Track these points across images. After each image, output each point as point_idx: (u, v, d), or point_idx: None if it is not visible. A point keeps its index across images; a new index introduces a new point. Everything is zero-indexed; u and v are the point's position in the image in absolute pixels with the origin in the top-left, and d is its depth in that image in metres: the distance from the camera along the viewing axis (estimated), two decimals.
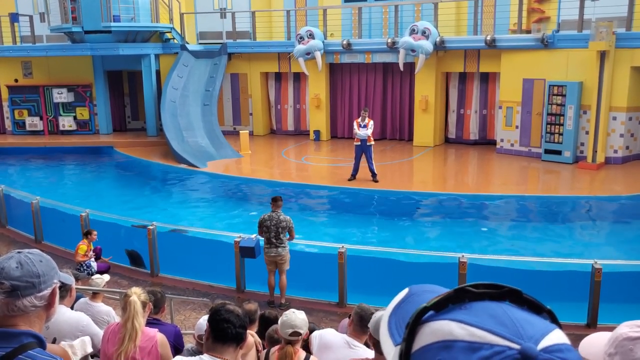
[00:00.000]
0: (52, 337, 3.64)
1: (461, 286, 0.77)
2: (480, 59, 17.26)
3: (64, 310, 3.86)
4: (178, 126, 17.90)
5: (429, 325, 0.75)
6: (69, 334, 3.72)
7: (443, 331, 0.73)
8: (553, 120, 15.53)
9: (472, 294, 0.77)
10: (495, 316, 0.73)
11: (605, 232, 11.66)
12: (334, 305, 8.64)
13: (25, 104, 20.97)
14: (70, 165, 18.65)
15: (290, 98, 20.91)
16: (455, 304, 0.76)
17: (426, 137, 18.22)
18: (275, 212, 8.50)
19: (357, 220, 12.44)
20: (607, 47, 14.24)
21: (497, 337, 0.70)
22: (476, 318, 0.73)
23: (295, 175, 15.65)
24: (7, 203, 12.63)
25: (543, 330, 0.73)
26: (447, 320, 0.74)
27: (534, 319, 0.75)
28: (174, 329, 4.82)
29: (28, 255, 1.82)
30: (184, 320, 8.14)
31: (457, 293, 0.77)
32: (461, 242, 10.68)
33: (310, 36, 18.45)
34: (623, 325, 1.47)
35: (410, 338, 0.76)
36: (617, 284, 8.07)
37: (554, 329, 0.75)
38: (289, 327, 3.97)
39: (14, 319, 1.78)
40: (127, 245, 10.79)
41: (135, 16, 19.20)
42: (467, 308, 0.75)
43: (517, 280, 8.69)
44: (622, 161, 15.29)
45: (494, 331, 0.71)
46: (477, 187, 14.25)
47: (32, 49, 20.36)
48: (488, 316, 0.73)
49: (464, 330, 0.72)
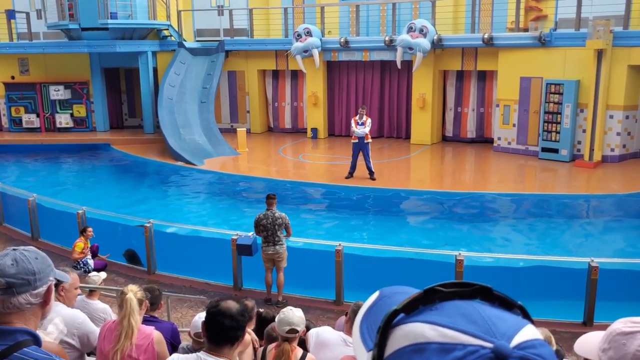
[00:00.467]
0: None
1: (430, 286, 0.76)
2: (478, 57, 17.27)
3: (60, 307, 3.85)
4: (175, 123, 17.87)
5: (400, 328, 0.74)
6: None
7: (415, 334, 0.72)
8: (550, 118, 15.55)
9: (442, 294, 0.75)
10: (466, 315, 0.72)
11: (602, 230, 11.67)
12: (331, 302, 8.65)
13: (22, 101, 20.92)
14: (67, 162, 18.61)
15: (288, 96, 20.89)
16: (426, 304, 0.75)
17: (423, 135, 18.23)
18: (270, 210, 8.50)
19: (354, 218, 12.44)
20: (604, 45, 14.26)
21: (469, 336, 0.69)
22: (447, 318, 0.72)
23: (292, 173, 15.65)
24: (4, 200, 12.60)
25: (515, 326, 0.72)
26: (418, 323, 0.73)
27: (505, 316, 0.74)
28: (171, 326, 4.82)
29: (23, 252, 1.82)
30: (180, 317, 8.14)
31: (426, 293, 0.75)
32: (458, 240, 10.70)
33: (308, 34, 18.43)
34: (617, 322, 1.50)
35: (382, 343, 0.74)
36: (613, 282, 8.08)
37: (526, 325, 0.73)
38: (286, 325, 3.97)
39: (9, 317, 1.78)
40: (123, 242, 10.78)
41: (132, 13, 19.15)
42: (437, 308, 0.74)
43: (513, 277, 8.71)
44: (619, 159, 15.32)
45: (466, 331, 0.70)
46: (474, 185, 14.26)
47: (29, 46, 20.31)
48: (459, 315, 0.72)
49: (435, 332, 0.71)
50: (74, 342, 3.72)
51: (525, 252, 9.98)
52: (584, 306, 7.73)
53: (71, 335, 3.72)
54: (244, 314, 2.72)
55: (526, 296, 8.74)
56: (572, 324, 7.72)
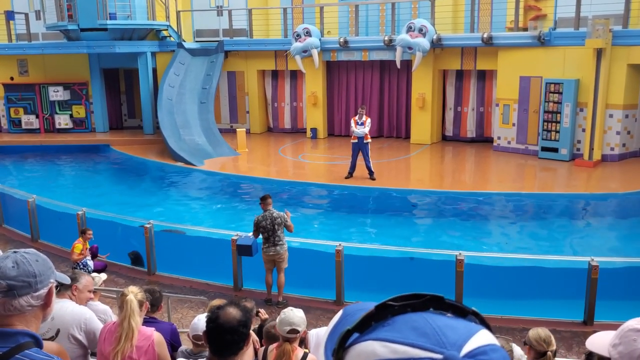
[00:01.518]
0: (56, 329, 3.67)
1: (381, 302, 0.76)
2: (477, 57, 17.27)
3: (69, 303, 3.94)
4: (175, 124, 17.87)
5: (354, 348, 0.74)
6: (72, 325, 3.77)
7: (367, 352, 0.72)
8: (550, 117, 15.55)
9: (394, 309, 0.75)
10: (416, 328, 0.72)
11: (602, 230, 11.68)
12: (331, 303, 8.64)
13: (21, 102, 20.91)
14: (66, 163, 18.60)
15: (287, 96, 20.89)
16: (379, 321, 0.75)
17: (423, 134, 18.23)
18: (268, 210, 8.50)
19: (354, 218, 12.45)
20: (603, 44, 14.26)
21: (419, 349, 0.69)
22: (398, 334, 0.72)
23: (292, 173, 15.65)
24: (3, 201, 12.59)
25: (466, 334, 0.72)
26: (369, 341, 0.73)
27: (457, 324, 0.73)
28: (170, 327, 4.81)
29: (24, 254, 1.82)
30: (181, 318, 8.13)
31: (378, 310, 0.75)
32: (458, 240, 10.70)
33: (307, 34, 18.43)
34: (631, 320, 1.53)
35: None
36: (613, 281, 8.09)
37: (478, 331, 0.73)
38: (287, 325, 3.97)
39: (10, 319, 1.78)
40: (123, 242, 10.77)
41: (131, 14, 19.14)
42: (389, 324, 0.74)
43: (513, 277, 8.72)
44: (618, 158, 15.32)
45: (416, 344, 0.70)
46: (474, 184, 14.27)
47: (28, 47, 20.31)
48: (410, 329, 0.72)
49: (386, 349, 0.71)
50: (81, 337, 3.76)
51: (525, 251, 9.98)
52: (584, 305, 7.72)
53: (78, 330, 3.76)
54: (247, 323, 2.63)
55: (526, 295, 8.77)
56: (572, 323, 7.72)
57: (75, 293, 4.17)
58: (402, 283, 8.81)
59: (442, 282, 8.32)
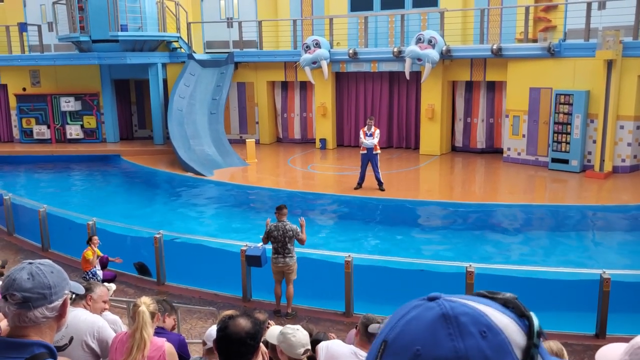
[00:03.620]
0: (70, 336, 3.69)
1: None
2: (487, 68, 17.26)
3: (82, 311, 3.97)
4: (185, 135, 17.96)
5: None
6: (86, 333, 3.80)
7: None
8: (560, 129, 15.49)
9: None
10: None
11: (614, 242, 11.58)
12: (341, 314, 8.61)
13: (33, 113, 21.10)
14: (77, 173, 18.72)
15: (297, 106, 20.96)
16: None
17: (432, 145, 18.21)
18: (282, 221, 8.48)
19: (363, 229, 12.42)
20: (614, 56, 14.22)
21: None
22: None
23: (301, 184, 15.66)
24: (15, 211, 12.68)
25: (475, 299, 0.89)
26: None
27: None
28: (178, 337, 4.81)
29: (39, 266, 1.83)
30: (190, 329, 8.13)
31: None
32: (468, 252, 10.64)
33: (317, 45, 18.51)
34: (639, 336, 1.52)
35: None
36: (626, 294, 8.01)
37: (491, 306, 0.88)
38: (300, 347, 3.91)
39: (25, 330, 1.78)
40: (133, 252, 10.81)
41: (142, 25, 19.32)
42: None
43: (524, 289, 8.65)
44: (629, 170, 15.22)
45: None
46: (484, 196, 14.20)
47: (40, 58, 20.51)
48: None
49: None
50: (94, 345, 3.77)
51: (536, 263, 9.91)
52: (596, 318, 7.65)
53: (92, 337, 3.78)
54: (255, 336, 2.61)
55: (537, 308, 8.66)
56: (584, 336, 7.64)
57: (90, 303, 4.22)
58: (411, 295, 8.74)
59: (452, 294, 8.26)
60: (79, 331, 3.75)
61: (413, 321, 0.85)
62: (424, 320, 0.84)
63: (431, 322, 0.83)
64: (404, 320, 0.86)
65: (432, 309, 0.85)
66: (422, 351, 0.81)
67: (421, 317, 0.85)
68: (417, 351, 0.81)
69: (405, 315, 0.87)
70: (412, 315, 0.86)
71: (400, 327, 0.85)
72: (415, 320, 0.85)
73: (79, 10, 18.72)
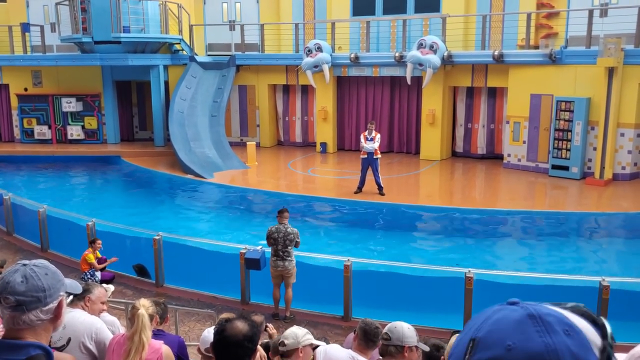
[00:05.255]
0: (68, 337, 3.68)
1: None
2: (488, 74, 17.28)
3: (80, 313, 3.95)
4: (185, 137, 17.97)
5: None
6: (83, 333, 3.78)
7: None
8: (560, 135, 15.50)
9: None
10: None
11: (613, 249, 11.57)
12: (339, 318, 8.60)
13: (34, 113, 21.13)
14: (77, 174, 18.73)
15: (298, 110, 20.98)
16: None
17: (433, 150, 18.21)
18: (282, 224, 8.47)
19: (363, 233, 12.41)
20: (615, 63, 14.23)
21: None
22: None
23: (301, 187, 15.65)
24: (14, 211, 12.68)
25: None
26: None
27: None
28: (177, 339, 4.80)
29: (33, 268, 1.81)
30: (188, 331, 8.11)
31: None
32: (467, 257, 10.63)
33: (319, 49, 18.53)
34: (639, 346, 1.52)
35: None
36: (625, 302, 7.99)
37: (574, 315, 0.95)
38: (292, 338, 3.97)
39: (20, 332, 1.77)
40: (132, 254, 10.80)
41: (144, 27, 19.35)
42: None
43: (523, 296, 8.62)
44: (630, 177, 15.22)
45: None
46: (484, 201, 14.19)
47: (42, 59, 20.54)
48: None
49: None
50: (92, 347, 3.76)
51: (535, 270, 9.90)
52: None
53: (89, 339, 3.77)
54: (253, 339, 2.60)
55: None
56: None
57: (88, 304, 4.19)
58: (410, 300, 8.76)
59: (451, 300, 8.26)
60: (77, 332, 3.75)
61: (500, 321, 0.92)
62: (512, 319, 0.91)
63: (519, 321, 0.91)
64: (491, 320, 0.93)
65: (516, 311, 0.93)
66: (514, 346, 0.87)
67: (508, 317, 0.92)
68: (508, 346, 0.88)
69: (490, 317, 0.94)
70: (497, 317, 0.94)
71: (488, 326, 0.92)
72: (503, 320, 0.92)
73: (81, 11, 18.77)
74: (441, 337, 5.32)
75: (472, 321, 0.97)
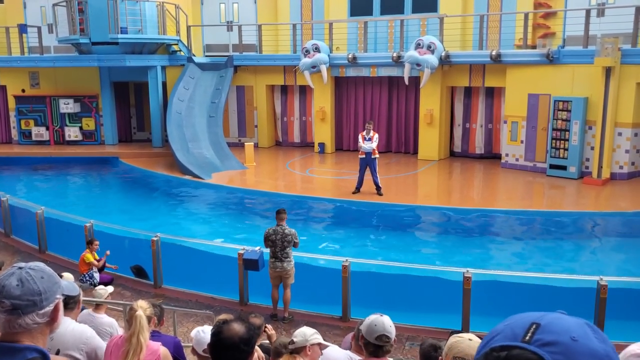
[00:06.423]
0: (56, 349, 3.63)
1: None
2: (486, 74, 17.30)
3: (69, 322, 3.84)
4: (183, 137, 17.96)
5: None
6: (72, 346, 3.70)
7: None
8: (558, 135, 15.52)
9: None
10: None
11: (611, 248, 11.59)
12: (337, 319, 8.59)
13: (32, 114, 21.11)
14: (75, 175, 18.71)
15: (296, 110, 20.98)
16: None
17: (431, 150, 18.23)
18: (280, 225, 8.46)
19: (361, 233, 12.41)
20: (612, 63, 14.26)
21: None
22: None
23: (299, 188, 15.65)
24: (12, 213, 12.66)
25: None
26: None
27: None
28: (174, 340, 4.79)
29: (29, 271, 1.80)
30: (186, 332, 8.09)
31: None
32: (466, 257, 10.64)
33: (316, 50, 18.54)
34: (633, 345, 1.56)
35: None
36: (623, 301, 8.00)
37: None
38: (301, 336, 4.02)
39: (17, 335, 1.77)
40: (131, 255, 10.79)
41: (142, 28, 19.34)
42: None
43: (521, 295, 8.64)
44: (627, 177, 15.24)
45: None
46: (482, 201, 14.21)
47: (40, 60, 20.53)
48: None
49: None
50: (82, 357, 3.72)
51: (533, 269, 9.91)
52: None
53: (79, 351, 3.71)
54: (249, 341, 2.59)
55: None
56: None
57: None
58: (408, 300, 8.76)
59: (449, 300, 8.27)
60: (66, 343, 3.66)
61: (561, 318, 1.01)
62: (572, 320, 1.00)
63: (579, 323, 1.00)
64: (549, 316, 1.01)
65: (572, 317, 1.02)
66: (579, 339, 0.96)
67: (567, 318, 1.02)
68: (573, 337, 0.96)
69: (546, 314, 1.03)
70: (556, 315, 1.03)
71: (549, 319, 1.00)
72: (564, 318, 1.01)
73: (79, 13, 18.76)
74: (439, 337, 5.33)
75: (521, 315, 1.05)
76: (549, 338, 0.96)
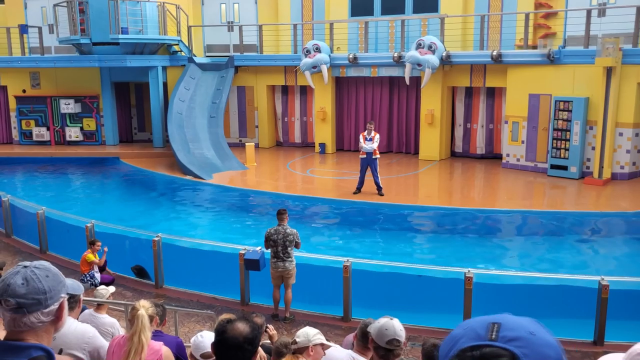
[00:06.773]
0: (59, 348, 3.63)
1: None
2: (487, 74, 17.30)
3: (71, 321, 3.83)
4: (184, 138, 17.96)
5: None
6: (75, 345, 3.70)
7: None
8: (559, 135, 15.52)
9: None
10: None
11: (612, 249, 11.57)
12: (339, 319, 8.60)
13: (33, 115, 21.12)
14: (76, 175, 18.71)
15: (297, 111, 20.98)
16: None
17: (432, 150, 18.23)
18: (282, 225, 8.46)
19: (362, 233, 12.41)
20: (613, 63, 14.25)
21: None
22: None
23: (300, 188, 15.64)
24: (13, 213, 12.66)
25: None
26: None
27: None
28: (176, 340, 4.80)
29: (34, 270, 1.80)
30: (187, 332, 8.10)
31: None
32: (467, 257, 10.63)
33: (317, 50, 18.54)
34: (638, 344, 1.57)
35: None
36: (624, 301, 8.00)
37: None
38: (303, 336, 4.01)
39: (22, 334, 1.77)
40: (131, 255, 10.79)
41: (143, 28, 19.35)
42: None
43: (523, 296, 8.64)
44: (628, 177, 15.24)
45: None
46: (483, 201, 14.20)
47: (41, 60, 20.53)
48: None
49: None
50: (85, 356, 3.72)
51: (534, 269, 9.90)
52: (595, 325, 7.64)
53: (81, 350, 3.71)
54: (253, 341, 2.58)
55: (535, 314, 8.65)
56: (582, 343, 7.63)
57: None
58: (410, 300, 8.76)
59: (450, 300, 8.26)
60: (68, 344, 3.67)
61: (513, 317, 1.09)
62: (523, 318, 1.09)
63: (530, 320, 1.10)
64: (502, 317, 1.10)
65: (522, 317, 1.11)
66: (536, 334, 1.06)
67: (518, 317, 1.10)
68: (531, 332, 1.06)
69: (497, 317, 1.11)
70: (505, 316, 1.11)
71: (502, 318, 1.09)
72: (515, 317, 1.09)
73: (79, 13, 18.77)
74: (440, 337, 5.32)
75: (475, 319, 1.12)
76: (512, 334, 1.05)
